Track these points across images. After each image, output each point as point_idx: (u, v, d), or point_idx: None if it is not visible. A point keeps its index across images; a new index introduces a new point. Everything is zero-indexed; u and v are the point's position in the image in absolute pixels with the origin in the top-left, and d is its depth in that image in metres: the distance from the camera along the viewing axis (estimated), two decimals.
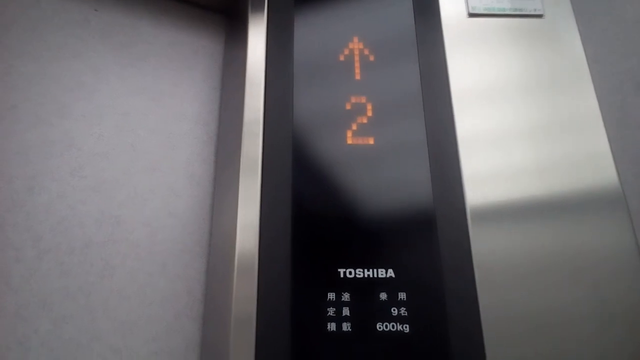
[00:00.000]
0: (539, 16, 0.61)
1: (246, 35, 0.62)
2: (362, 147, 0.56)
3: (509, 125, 0.58)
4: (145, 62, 0.65)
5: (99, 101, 0.61)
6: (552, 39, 0.61)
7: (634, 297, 0.50)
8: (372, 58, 0.60)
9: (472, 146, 0.56)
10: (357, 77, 0.59)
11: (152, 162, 0.61)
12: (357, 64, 0.59)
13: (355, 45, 0.60)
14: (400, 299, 0.49)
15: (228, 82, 0.66)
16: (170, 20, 0.68)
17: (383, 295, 0.49)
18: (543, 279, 0.51)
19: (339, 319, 0.49)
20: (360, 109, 0.57)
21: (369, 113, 0.57)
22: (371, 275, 0.50)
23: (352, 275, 0.50)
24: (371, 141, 0.56)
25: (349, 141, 0.56)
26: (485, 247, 0.52)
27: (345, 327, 0.48)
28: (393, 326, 0.48)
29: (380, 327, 0.48)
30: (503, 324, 0.49)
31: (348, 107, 0.57)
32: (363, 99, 0.58)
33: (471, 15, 0.61)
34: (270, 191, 0.54)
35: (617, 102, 0.58)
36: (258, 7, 0.63)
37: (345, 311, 0.49)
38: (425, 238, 0.52)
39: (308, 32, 0.62)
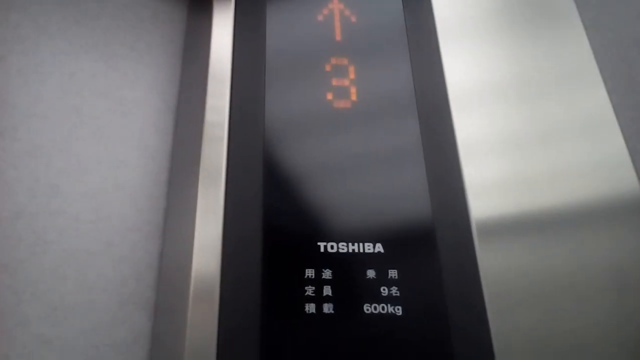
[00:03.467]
0: None
1: (211, 8, 0.56)
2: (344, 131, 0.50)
3: (513, 126, 0.52)
4: (95, 21, 0.57)
5: (39, 57, 0.53)
6: (549, 14, 0.57)
7: None
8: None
9: (474, 150, 0.50)
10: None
11: (99, 129, 0.53)
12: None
13: None
14: (391, 277, 0.43)
15: (190, 55, 0.59)
16: None
17: (371, 273, 0.43)
18: (559, 296, 0.44)
19: (319, 299, 0.42)
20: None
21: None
22: (356, 250, 0.44)
23: (335, 250, 0.44)
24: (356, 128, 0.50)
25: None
26: (493, 260, 0.45)
27: (327, 308, 0.41)
28: (383, 308, 0.42)
29: (368, 310, 0.42)
30: (516, 341, 0.42)
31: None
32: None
33: None
34: (236, 194, 0.47)
35: (625, 78, 0.54)
36: None
37: (327, 290, 0.42)
38: (424, 243, 0.46)
39: (282, 9, 0.56)
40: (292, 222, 0.45)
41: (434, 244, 0.45)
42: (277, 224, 0.45)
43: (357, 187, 0.47)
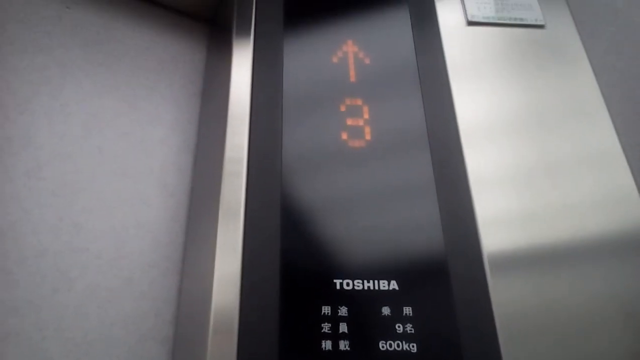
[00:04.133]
0: (540, 26, 0.59)
1: (230, 48, 0.57)
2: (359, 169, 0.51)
3: (522, 160, 0.53)
4: (118, 62, 0.59)
5: (64, 99, 0.55)
6: (556, 51, 0.59)
7: None
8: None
9: (485, 184, 0.51)
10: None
11: (121, 168, 0.54)
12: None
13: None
14: (406, 314, 0.43)
15: (210, 95, 0.61)
16: (148, 24, 0.64)
17: (386, 310, 0.43)
18: (570, 330, 0.45)
19: (335, 336, 0.42)
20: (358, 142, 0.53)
21: (368, 139, 0.52)
22: (372, 287, 0.44)
23: (351, 287, 0.44)
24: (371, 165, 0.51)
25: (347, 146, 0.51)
26: (505, 293, 0.46)
27: (343, 345, 0.42)
28: (398, 345, 0.42)
29: (383, 347, 0.42)
30: None
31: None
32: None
33: (470, 23, 0.59)
34: (254, 233, 0.47)
35: (634, 116, 0.55)
36: (244, 18, 0.58)
37: (343, 327, 0.43)
38: (437, 277, 0.47)
39: (299, 47, 0.57)
40: (309, 258, 0.46)
41: (447, 279, 0.45)
42: (294, 261, 0.46)
43: (372, 223, 0.48)
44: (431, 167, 0.51)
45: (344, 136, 0.52)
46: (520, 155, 0.53)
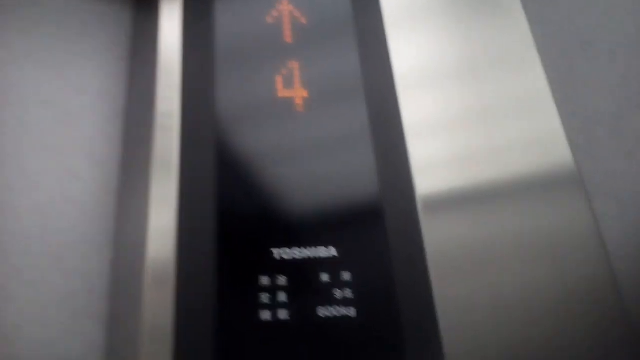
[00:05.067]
0: None
1: (158, 4, 0.55)
2: (297, 125, 0.50)
3: (456, 107, 0.54)
4: (37, 27, 0.56)
5: None
6: (493, 4, 0.58)
7: (593, 274, 0.47)
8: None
9: (419, 130, 0.52)
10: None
11: (45, 140, 0.51)
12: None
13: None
14: (344, 279, 0.43)
15: (138, 57, 0.58)
16: None
17: (324, 277, 0.43)
18: (501, 264, 0.46)
19: (274, 306, 0.42)
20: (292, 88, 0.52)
21: (303, 93, 0.51)
22: (310, 255, 0.44)
23: (289, 257, 0.44)
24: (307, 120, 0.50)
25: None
26: (438, 234, 0.47)
27: (282, 315, 0.42)
28: (337, 311, 0.42)
29: (323, 314, 0.42)
30: (461, 311, 0.44)
31: (280, 91, 0.51)
32: (297, 82, 0.52)
33: None
34: (189, 187, 0.46)
35: (565, 67, 0.56)
36: None
37: (282, 297, 0.42)
38: (371, 219, 0.46)
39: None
40: (245, 224, 0.45)
41: (384, 235, 0.46)
42: (231, 224, 0.45)
43: (309, 180, 0.48)
44: (367, 118, 0.51)
45: (279, 90, 0.51)
46: (453, 102, 0.54)
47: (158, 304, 0.42)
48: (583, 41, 0.58)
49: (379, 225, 0.46)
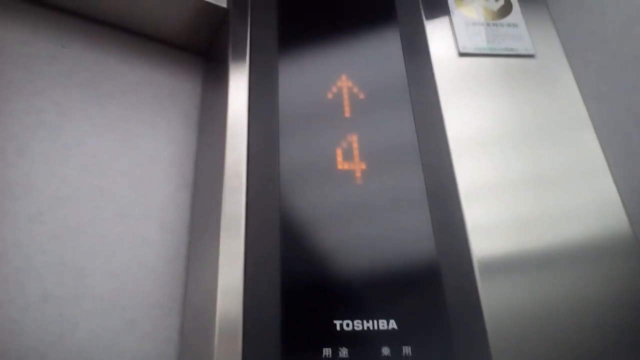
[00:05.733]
0: (531, 56, 0.61)
1: (227, 80, 0.58)
2: (356, 195, 0.52)
3: (511, 173, 0.55)
4: (114, 100, 0.60)
5: (62, 141, 0.55)
6: (546, 80, 0.60)
7: None
8: (362, 97, 0.57)
9: (474, 195, 0.53)
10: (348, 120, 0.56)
11: (121, 208, 0.55)
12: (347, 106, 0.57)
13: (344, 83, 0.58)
14: (405, 353, 0.44)
15: (207, 127, 0.62)
16: (143, 59, 0.64)
17: (386, 350, 0.45)
18: (558, 329, 0.47)
19: None
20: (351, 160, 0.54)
21: (362, 166, 0.54)
22: (371, 328, 0.45)
23: (350, 328, 0.45)
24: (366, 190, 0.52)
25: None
26: (495, 298, 0.48)
27: None
28: None
29: None
30: None
31: (339, 163, 0.54)
32: (356, 154, 0.54)
33: (462, 54, 0.60)
34: (255, 248, 0.49)
35: (620, 140, 0.57)
36: (239, 51, 0.59)
37: None
38: (430, 288, 0.48)
39: (293, 76, 0.58)
40: (309, 296, 0.47)
41: (444, 312, 0.47)
42: (294, 300, 0.47)
43: (368, 248, 0.49)
44: (424, 188, 0.53)
45: (339, 162, 0.54)
46: (508, 168, 0.56)
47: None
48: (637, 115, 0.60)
49: (438, 294, 0.47)
